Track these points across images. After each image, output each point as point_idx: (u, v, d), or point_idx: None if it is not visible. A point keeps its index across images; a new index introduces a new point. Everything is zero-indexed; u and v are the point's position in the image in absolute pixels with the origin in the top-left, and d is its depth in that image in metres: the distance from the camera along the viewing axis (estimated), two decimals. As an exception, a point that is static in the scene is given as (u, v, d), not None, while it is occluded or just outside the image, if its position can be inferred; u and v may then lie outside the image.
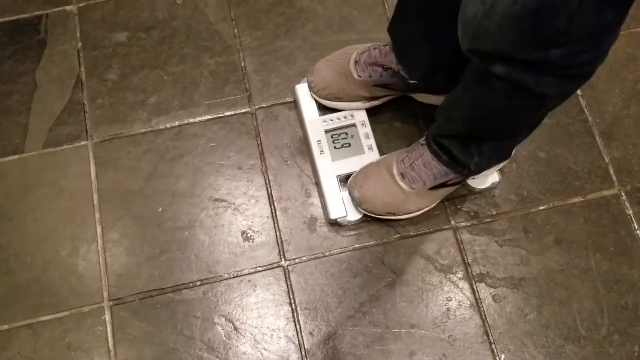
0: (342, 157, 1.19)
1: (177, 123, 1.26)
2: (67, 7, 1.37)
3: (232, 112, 1.28)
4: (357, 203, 1.11)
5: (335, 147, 1.21)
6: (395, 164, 1.10)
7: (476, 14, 0.72)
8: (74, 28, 1.35)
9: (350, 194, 1.13)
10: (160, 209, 1.19)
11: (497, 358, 1.09)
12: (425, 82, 1.10)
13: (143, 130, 1.26)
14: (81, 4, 1.38)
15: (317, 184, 1.19)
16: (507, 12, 0.69)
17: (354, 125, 1.22)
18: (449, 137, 1.01)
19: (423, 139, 1.09)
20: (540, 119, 0.97)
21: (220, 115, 1.27)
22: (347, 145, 1.21)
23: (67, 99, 1.28)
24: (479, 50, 0.77)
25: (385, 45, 1.14)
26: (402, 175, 1.09)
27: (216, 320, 1.11)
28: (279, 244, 1.16)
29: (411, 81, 1.11)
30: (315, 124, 1.21)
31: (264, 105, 1.28)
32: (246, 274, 1.14)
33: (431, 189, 1.09)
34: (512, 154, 1.14)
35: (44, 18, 1.36)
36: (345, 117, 1.22)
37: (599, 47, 0.74)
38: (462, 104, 0.94)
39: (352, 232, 1.17)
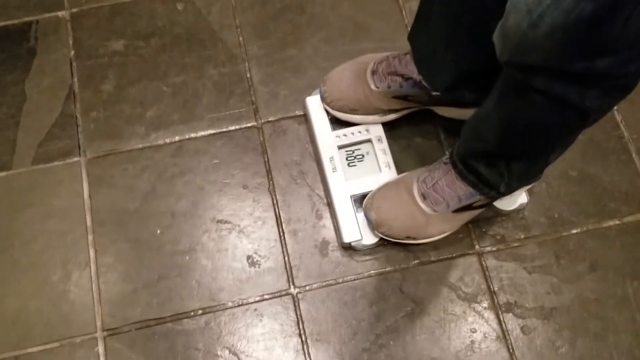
0: (357, 176, 1.18)
1: (177, 138, 1.26)
2: (59, 13, 1.37)
3: (237, 127, 1.27)
4: (373, 226, 1.10)
5: (349, 164, 1.20)
6: (415, 183, 1.09)
7: (520, 25, 0.71)
8: (67, 35, 1.35)
9: (366, 216, 1.11)
10: (158, 231, 1.18)
11: (528, 397, 1.07)
12: (449, 94, 1.09)
13: (140, 145, 1.25)
14: (74, 10, 1.38)
15: (329, 204, 1.18)
16: (558, 23, 0.68)
17: (369, 140, 1.21)
18: (476, 157, 1.00)
19: (446, 156, 1.08)
20: (578, 134, 0.96)
21: (224, 129, 1.27)
22: (362, 162, 1.20)
23: (59, 112, 1.28)
24: (521, 63, 0.77)
25: (406, 54, 1.14)
26: (424, 197, 1.07)
27: (219, 352, 1.09)
28: (288, 269, 1.15)
29: (434, 93, 1.10)
30: (327, 139, 1.20)
31: (271, 119, 1.28)
32: (252, 303, 1.13)
33: (455, 211, 1.08)
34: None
35: (34, 24, 1.36)
36: (360, 132, 1.21)
37: None
38: (494, 120, 0.93)
39: (368, 257, 1.16)
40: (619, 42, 0.69)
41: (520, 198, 1.17)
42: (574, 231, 1.19)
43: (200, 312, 1.13)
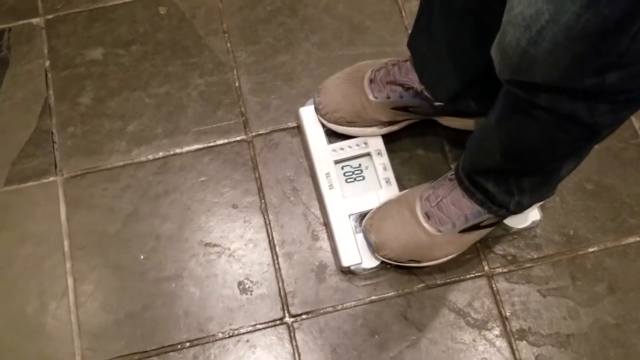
0: (355, 193, 1.16)
1: (161, 154, 1.23)
2: (33, 20, 1.35)
3: (226, 140, 1.25)
4: (374, 249, 1.08)
5: (347, 180, 1.17)
6: (418, 202, 1.06)
7: (519, 41, 0.69)
8: (41, 44, 1.33)
9: (365, 238, 1.09)
10: (142, 256, 1.16)
11: None
12: (454, 104, 1.07)
13: (121, 162, 1.23)
14: (49, 16, 1.36)
15: (326, 224, 1.16)
16: (560, 39, 0.66)
17: (368, 154, 1.19)
18: (483, 173, 0.98)
19: (451, 172, 1.05)
20: (590, 149, 0.94)
21: (212, 144, 1.24)
22: (361, 178, 1.18)
23: (33, 128, 1.26)
24: (523, 81, 0.75)
25: (406, 60, 1.11)
26: (428, 216, 1.05)
27: (209, 389, 1.07)
28: (282, 296, 1.13)
29: (437, 103, 1.08)
30: (322, 153, 1.18)
31: (262, 131, 1.25)
32: (244, 333, 1.11)
33: (462, 231, 1.05)
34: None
35: (6, 33, 1.34)
36: (358, 145, 1.19)
37: None
38: (497, 136, 0.91)
39: (369, 282, 1.14)
40: (629, 56, 0.67)
41: (532, 215, 1.15)
42: (591, 249, 1.17)
43: (187, 344, 1.10)
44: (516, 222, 1.15)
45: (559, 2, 0.64)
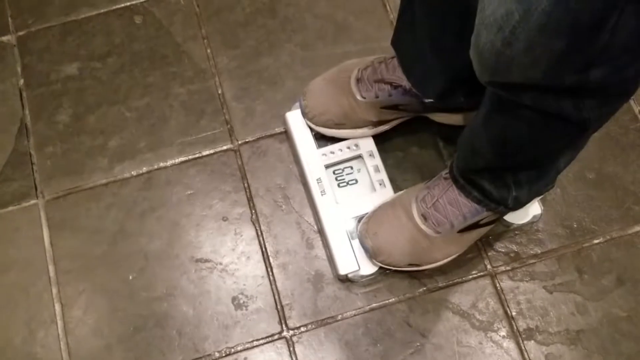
0: (349, 198, 1.16)
1: (145, 169, 1.23)
2: (4, 38, 1.35)
3: (212, 151, 1.24)
4: (371, 255, 1.07)
5: (339, 185, 1.17)
6: (414, 203, 1.06)
7: (494, 43, 0.70)
8: (14, 62, 1.32)
9: (362, 244, 1.09)
10: (131, 277, 1.15)
11: None
12: (443, 100, 1.06)
13: (104, 180, 1.22)
14: (20, 33, 1.35)
15: (321, 232, 1.15)
16: (534, 38, 0.66)
17: (360, 156, 1.19)
18: (478, 171, 0.97)
19: (446, 171, 1.05)
20: (586, 139, 0.93)
21: (197, 155, 1.24)
22: (354, 182, 1.18)
23: (10, 150, 1.25)
24: (503, 82, 0.75)
25: (393, 57, 1.11)
26: (424, 218, 1.04)
27: (208, 410, 1.07)
28: (279, 309, 1.12)
29: (426, 100, 1.07)
30: (312, 158, 1.17)
31: (249, 139, 1.25)
32: (241, 350, 1.10)
33: (461, 231, 1.05)
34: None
35: (-23, 52, 1.33)
36: (348, 148, 1.18)
37: None
38: (485, 136, 0.92)
39: (368, 289, 1.13)
40: (611, 50, 0.67)
41: (532, 209, 1.15)
42: (596, 241, 1.16)
43: (183, 366, 1.09)
44: (517, 217, 1.14)
45: (526, 1, 0.63)
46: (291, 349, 1.10)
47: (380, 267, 1.11)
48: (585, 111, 0.77)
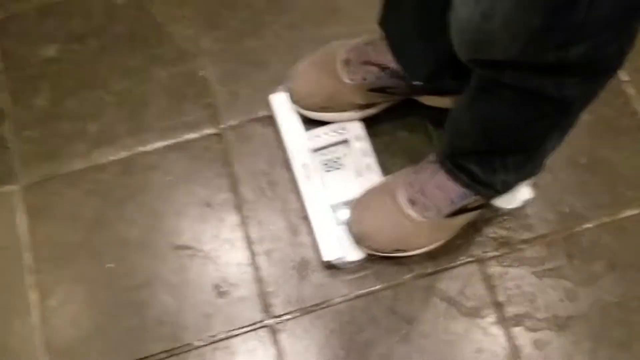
0: (335, 183, 1.16)
1: (124, 154, 1.23)
2: (-19, 21, 1.34)
3: (194, 135, 1.25)
4: (356, 240, 1.08)
5: (325, 170, 1.17)
6: (401, 188, 1.07)
7: (472, 18, 0.71)
8: (-10, 45, 1.32)
9: (347, 229, 1.09)
10: (110, 265, 1.16)
11: (547, 422, 1.06)
12: (431, 83, 1.07)
13: (83, 166, 1.23)
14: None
15: (306, 217, 1.16)
16: (511, 12, 0.66)
17: (346, 141, 1.19)
18: (465, 154, 0.98)
19: (434, 155, 1.06)
20: (574, 120, 0.94)
21: (179, 139, 1.24)
22: (340, 166, 1.19)
23: (-14, 135, 1.25)
24: (483, 59, 0.76)
25: (381, 39, 1.12)
26: (412, 202, 1.05)
27: (189, 400, 1.08)
28: (262, 297, 1.13)
29: (415, 82, 1.08)
30: (298, 142, 1.18)
31: (232, 123, 1.25)
32: (223, 339, 1.11)
33: (448, 216, 1.06)
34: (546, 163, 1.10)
35: (-48, 35, 1.33)
36: (335, 132, 1.19)
37: (626, 33, 0.73)
38: (471, 118, 0.93)
39: (354, 276, 1.14)
40: (589, 27, 0.68)
41: (522, 193, 1.15)
42: (587, 226, 1.17)
43: (163, 355, 1.11)
44: (506, 202, 1.15)
45: None
46: (275, 337, 1.11)
47: (367, 254, 1.11)
48: (567, 89, 0.78)
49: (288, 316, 1.12)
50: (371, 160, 1.18)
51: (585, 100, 0.86)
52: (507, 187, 1.04)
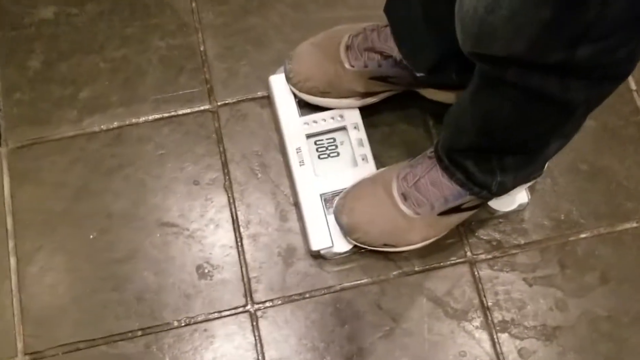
0: (329, 171, 1.16)
1: (116, 124, 1.23)
2: (-23, -24, 1.33)
3: (188, 110, 1.24)
4: (345, 231, 1.08)
5: (319, 156, 1.17)
6: (395, 181, 1.06)
7: (477, 9, 0.69)
8: (-14, 2, 1.31)
9: (337, 219, 1.09)
10: (92, 236, 1.15)
11: None
12: (434, 75, 1.06)
13: (72, 133, 1.22)
14: (-5, -29, 1.33)
15: (296, 204, 1.15)
16: (517, 4, 0.65)
17: (344, 128, 1.18)
18: (463, 151, 0.97)
19: (431, 150, 1.05)
20: (577, 125, 0.93)
21: (173, 113, 1.24)
22: (335, 154, 1.17)
23: (-25, 94, 1.24)
24: (485, 54, 0.75)
25: (386, 26, 1.11)
26: (404, 197, 1.05)
27: (163, 381, 1.07)
28: (246, 282, 1.12)
29: (417, 74, 1.07)
30: (293, 126, 1.17)
31: (229, 101, 1.25)
32: (202, 321, 1.11)
33: (441, 214, 1.05)
34: (546, 167, 1.09)
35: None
36: (333, 119, 1.18)
37: (638, 39, 0.72)
38: (471, 114, 0.92)
39: (340, 267, 1.14)
40: (600, 28, 0.67)
41: (519, 197, 1.15)
42: (583, 235, 1.17)
43: (139, 333, 1.10)
44: (502, 204, 1.14)
45: None
46: (254, 323, 1.10)
47: (355, 246, 1.11)
48: (571, 92, 0.77)
49: (270, 303, 1.12)
50: (367, 150, 1.17)
51: (590, 104, 0.85)
52: (503, 189, 1.03)
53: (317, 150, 1.18)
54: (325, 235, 1.11)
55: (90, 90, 1.25)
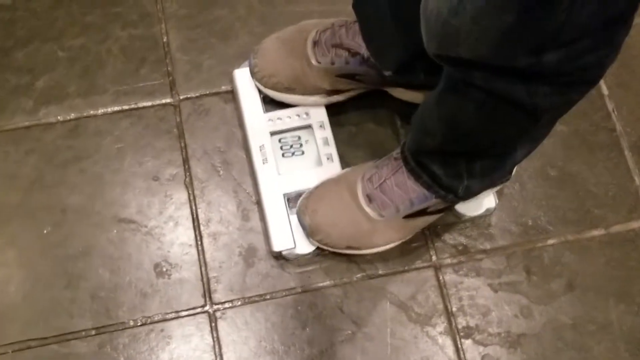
0: (292, 170, 1.16)
1: (73, 115, 1.22)
2: None
3: (149, 103, 1.24)
4: (308, 233, 1.08)
5: (283, 155, 1.17)
6: (360, 182, 1.07)
7: (440, 11, 0.70)
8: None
9: (299, 220, 1.09)
10: (45, 231, 1.15)
11: None
12: (402, 75, 1.07)
13: (27, 123, 1.21)
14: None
15: (259, 203, 1.15)
16: (482, 7, 0.66)
17: (309, 126, 1.19)
18: (429, 153, 0.98)
19: (397, 151, 1.06)
20: (546, 130, 0.95)
21: (133, 106, 1.24)
22: (300, 153, 1.18)
23: None
24: (449, 57, 0.76)
25: (355, 22, 1.11)
26: (369, 199, 1.05)
27: (116, 382, 1.07)
28: (205, 282, 1.13)
29: (385, 73, 1.08)
30: (257, 122, 1.18)
31: (191, 95, 1.25)
32: (158, 322, 1.11)
33: (406, 217, 1.06)
34: (514, 172, 1.11)
35: None
36: (298, 116, 1.19)
37: (607, 45, 0.73)
38: (438, 116, 0.93)
39: (303, 269, 1.14)
40: (566, 33, 0.68)
41: (487, 201, 1.16)
42: (550, 242, 1.19)
43: (93, 332, 1.10)
44: (469, 209, 1.16)
45: None
46: (213, 324, 1.11)
47: (318, 247, 1.12)
48: (538, 97, 0.78)
49: (229, 304, 1.12)
50: (332, 150, 1.18)
51: (558, 110, 0.86)
52: (469, 193, 1.04)
53: (281, 148, 1.18)
54: (288, 236, 1.12)
55: (47, 80, 1.24)
